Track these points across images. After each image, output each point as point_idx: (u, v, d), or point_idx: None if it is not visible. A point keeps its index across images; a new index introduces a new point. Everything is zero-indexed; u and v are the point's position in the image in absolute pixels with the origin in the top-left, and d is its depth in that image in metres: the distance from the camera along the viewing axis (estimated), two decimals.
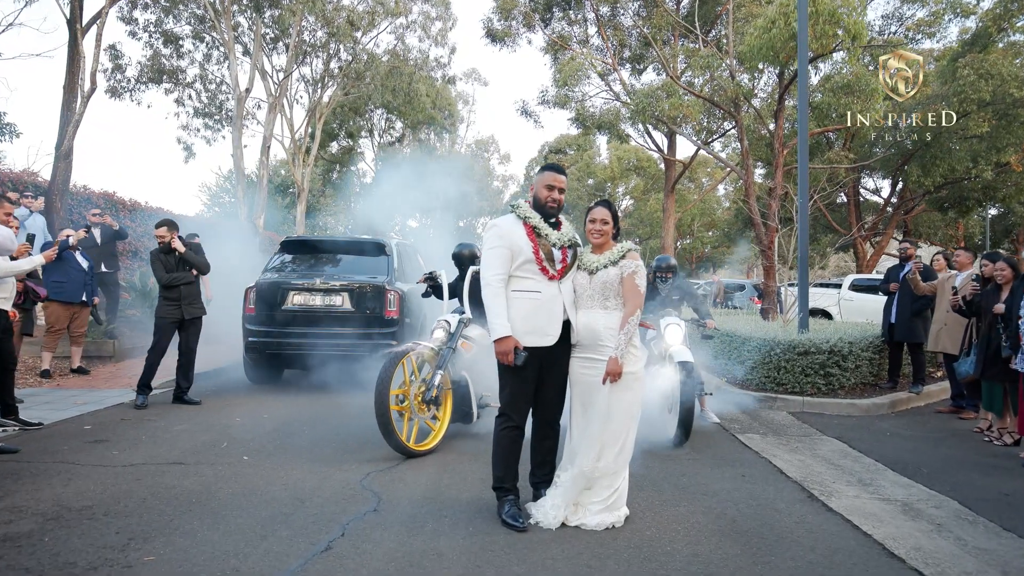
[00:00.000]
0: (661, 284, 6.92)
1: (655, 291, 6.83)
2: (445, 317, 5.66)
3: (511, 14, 20.12)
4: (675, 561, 3.36)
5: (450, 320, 5.59)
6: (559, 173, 4.04)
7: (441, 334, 5.52)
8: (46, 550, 3.25)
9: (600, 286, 3.92)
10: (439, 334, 5.53)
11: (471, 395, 5.70)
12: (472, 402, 5.72)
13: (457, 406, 5.68)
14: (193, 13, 22.19)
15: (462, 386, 5.68)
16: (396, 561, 3.25)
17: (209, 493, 4.18)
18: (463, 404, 5.70)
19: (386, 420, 4.93)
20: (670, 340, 6.21)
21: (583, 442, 3.90)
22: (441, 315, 5.81)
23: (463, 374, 5.64)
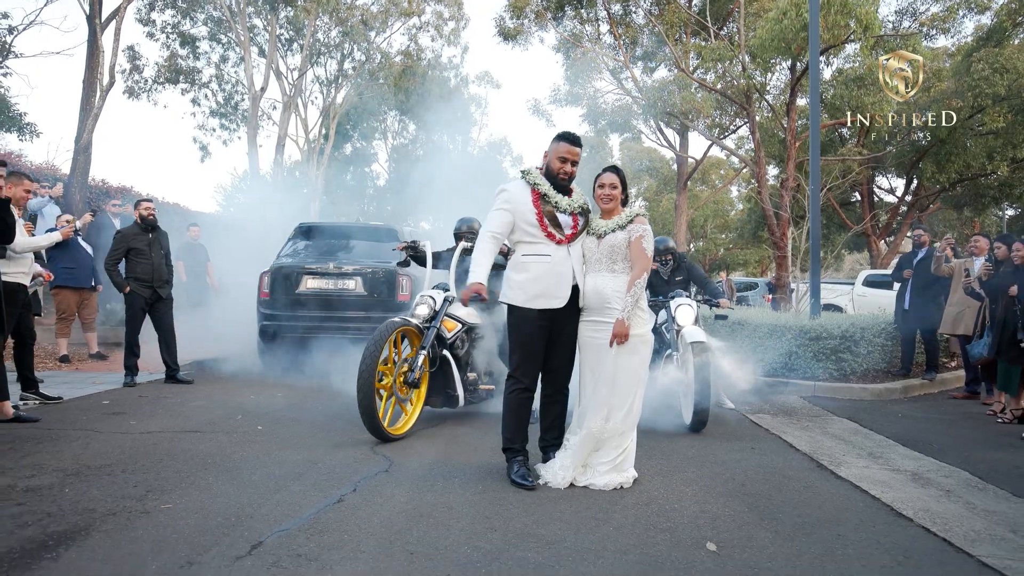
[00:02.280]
0: (662, 267, 6.83)
1: (657, 275, 6.76)
2: (429, 293, 5.32)
3: (523, 12, 20.21)
4: (682, 516, 3.40)
5: (434, 296, 5.28)
6: (574, 145, 4.04)
7: (424, 310, 5.18)
8: (67, 499, 3.33)
9: (608, 250, 3.97)
10: (422, 310, 5.18)
11: (455, 377, 5.25)
12: (456, 384, 5.25)
13: (440, 388, 5.28)
14: (210, 15, 22.48)
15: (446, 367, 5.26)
16: (406, 512, 3.30)
17: (224, 455, 4.26)
18: (447, 386, 5.27)
19: (370, 399, 4.55)
20: (682, 320, 5.89)
21: (591, 404, 3.94)
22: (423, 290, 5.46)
23: (445, 354, 5.22)
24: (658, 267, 6.78)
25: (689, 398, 5.56)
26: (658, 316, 6.32)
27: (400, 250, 6.07)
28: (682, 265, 6.87)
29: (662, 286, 6.72)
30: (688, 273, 6.85)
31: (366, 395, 4.53)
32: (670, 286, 6.65)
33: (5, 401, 5.03)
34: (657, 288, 6.67)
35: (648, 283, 6.47)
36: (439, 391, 5.30)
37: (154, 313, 7.26)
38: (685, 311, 5.96)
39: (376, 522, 3.15)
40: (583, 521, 3.28)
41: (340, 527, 3.06)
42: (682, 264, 6.89)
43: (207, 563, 2.62)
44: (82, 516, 3.09)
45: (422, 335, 5.07)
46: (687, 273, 6.84)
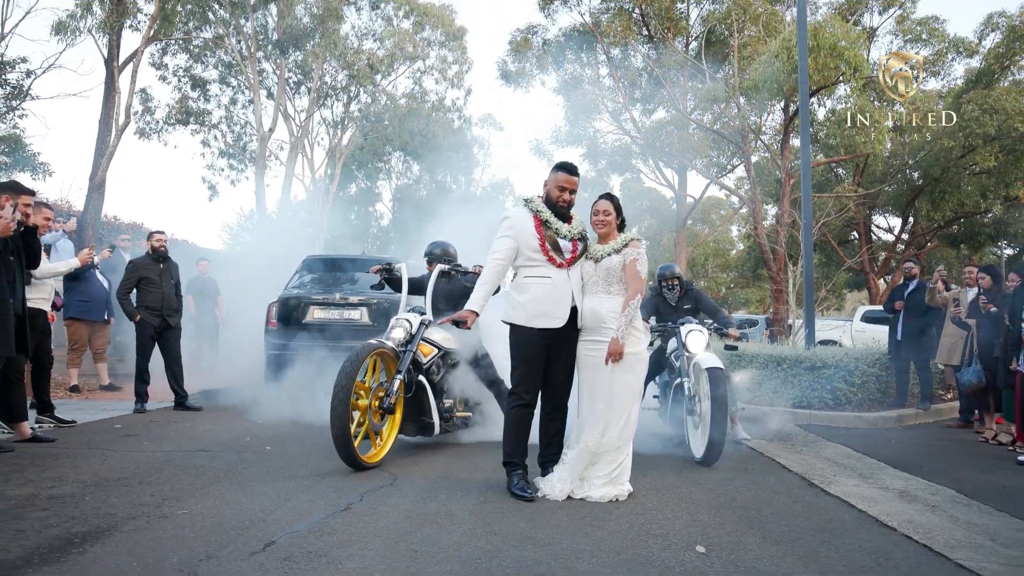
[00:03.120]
0: (668, 293, 6.61)
1: (663, 302, 6.62)
2: (404, 316, 5.10)
3: (525, 56, 20.82)
4: (674, 524, 3.55)
5: (410, 320, 5.05)
6: (572, 174, 4.29)
7: (400, 333, 4.94)
8: (88, 505, 3.50)
9: (604, 272, 4.20)
10: (398, 333, 4.94)
11: (430, 403, 5.07)
12: (432, 411, 5.07)
13: (414, 415, 5.09)
14: (220, 59, 23.16)
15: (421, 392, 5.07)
16: (410, 518, 3.47)
17: (235, 471, 4.42)
18: (421, 413, 5.09)
19: (345, 426, 4.30)
20: (693, 347, 5.56)
21: (589, 420, 4.12)
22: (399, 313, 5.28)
23: (421, 380, 5.04)
24: (665, 293, 6.57)
25: (702, 428, 5.21)
26: (667, 343, 6.18)
27: (375, 272, 5.81)
28: (690, 293, 6.64)
29: (670, 313, 6.48)
30: (696, 301, 6.59)
31: (340, 420, 4.27)
32: (678, 313, 6.40)
33: (24, 422, 5.21)
34: (665, 315, 6.46)
35: (655, 309, 6.53)
36: (413, 418, 5.10)
37: (163, 341, 7.47)
38: (696, 337, 5.62)
39: (382, 526, 3.31)
40: (579, 527, 3.44)
41: (348, 530, 3.23)
42: (690, 292, 6.65)
43: (224, 557, 2.78)
44: (104, 519, 3.27)
45: (397, 359, 4.85)
46: (695, 301, 6.59)
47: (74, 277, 7.66)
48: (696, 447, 5.32)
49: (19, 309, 4.86)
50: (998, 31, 19.23)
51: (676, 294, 6.60)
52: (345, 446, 4.33)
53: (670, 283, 6.61)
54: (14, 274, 4.83)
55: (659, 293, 6.65)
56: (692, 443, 5.40)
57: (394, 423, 4.92)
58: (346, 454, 4.37)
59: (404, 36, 25.41)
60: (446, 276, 5.65)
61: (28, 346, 5.07)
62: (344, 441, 4.31)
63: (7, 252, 4.70)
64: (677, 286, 6.61)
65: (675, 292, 6.59)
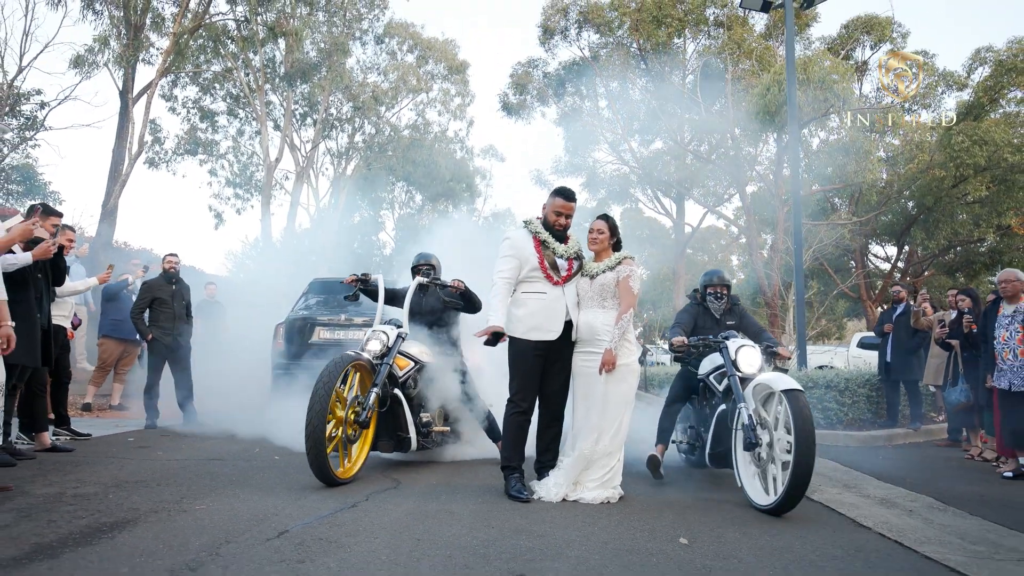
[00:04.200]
0: (714, 303, 5.58)
1: (703, 313, 5.61)
2: (381, 328, 5.00)
3: (526, 88, 21.35)
4: (660, 521, 3.78)
5: (388, 332, 4.93)
6: (568, 200, 4.61)
7: (377, 346, 4.82)
8: (112, 502, 3.74)
9: (599, 288, 4.48)
10: (374, 346, 4.82)
11: (407, 418, 4.93)
12: (408, 425, 4.94)
13: (390, 431, 4.96)
14: (228, 92, 23.76)
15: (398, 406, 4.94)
16: (413, 514, 3.71)
17: (246, 476, 4.66)
18: (397, 428, 4.95)
19: (321, 439, 4.16)
20: (747, 366, 4.63)
21: (583, 428, 4.38)
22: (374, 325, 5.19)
23: (396, 394, 4.92)
24: (710, 303, 5.60)
25: (774, 467, 4.21)
26: (702, 363, 5.19)
27: (349, 283, 5.59)
28: (735, 308, 5.68)
29: (711, 326, 5.51)
30: (740, 320, 5.63)
31: (316, 436, 4.15)
32: (720, 327, 5.44)
33: (44, 432, 5.46)
34: (705, 328, 5.49)
35: (692, 322, 5.51)
36: (389, 434, 4.95)
37: (173, 359, 7.73)
38: (749, 354, 4.71)
39: (387, 520, 3.55)
40: (570, 522, 3.67)
41: (355, 522, 3.47)
42: (736, 307, 5.70)
43: (243, 542, 3.02)
44: (128, 512, 3.51)
45: (373, 372, 4.74)
46: (739, 318, 5.63)
47: (109, 298, 7.97)
48: (758, 490, 4.27)
49: (45, 323, 5.14)
50: (986, 65, 19.77)
51: (723, 305, 5.60)
52: (318, 459, 4.17)
53: (718, 291, 5.61)
54: (41, 291, 5.11)
55: (700, 303, 5.67)
56: (749, 484, 4.33)
57: (366, 438, 4.78)
58: (318, 468, 4.20)
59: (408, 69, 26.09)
60: (424, 289, 5.59)
61: (52, 359, 5.34)
62: (318, 454, 4.15)
63: (36, 270, 4.99)
64: (725, 295, 5.62)
65: (722, 303, 5.59)
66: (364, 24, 24.64)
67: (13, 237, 4.35)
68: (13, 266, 4.62)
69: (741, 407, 4.38)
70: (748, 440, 4.28)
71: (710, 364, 5.05)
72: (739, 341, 4.86)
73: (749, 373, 4.59)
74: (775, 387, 4.21)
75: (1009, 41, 19.22)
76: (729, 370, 4.64)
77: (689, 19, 19.45)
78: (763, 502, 4.15)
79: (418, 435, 5.04)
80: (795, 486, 3.91)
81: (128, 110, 12.86)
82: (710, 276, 5.78)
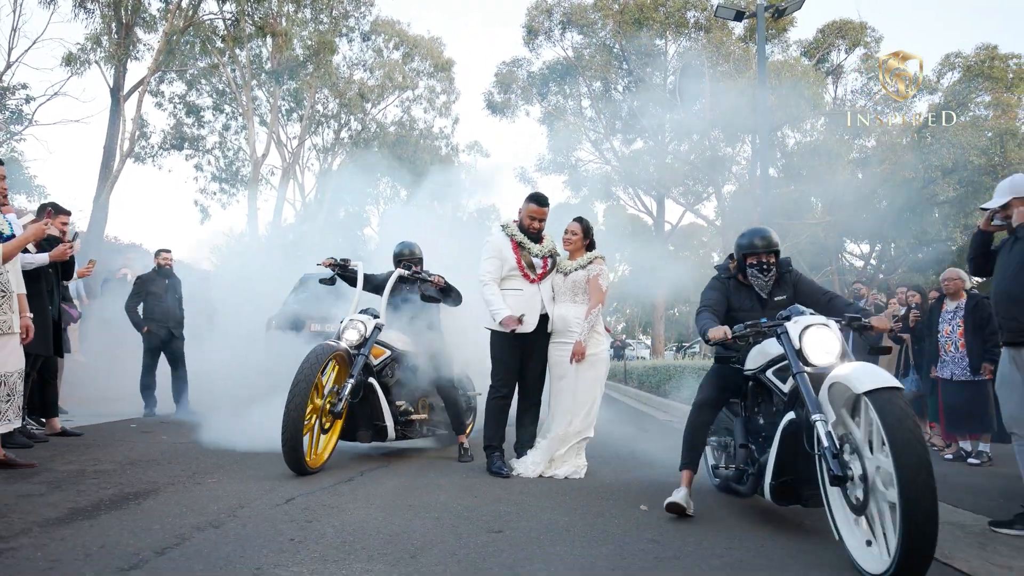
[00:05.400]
0: (758, 277, 3.87)
1: (739, 292, 3.97)
2: (358, 317, 4.91)
3: (510, 88, 21.76)
4: (625, 493, 4.23)
5: (365, 322, 4.86)
6: (541, 206, 5.05)
7: (354, 335, 4.77)
8: (130, 476, 4.14)
9: (571, 285, 4.92)
10: (351, 335, 4.77)
11: (382, 407, 4.91)
12: (385, 414, 4.92)
13: (367, 420, 4.94)
14: (215, 87, 23.95)
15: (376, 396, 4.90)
16: (404, 487, 4.14)
17: (250, 456, 5.03)
18: (374, 417, 4.92)
19: (299, 429, 4.16)
20: (818, 355, 3.14)
21: (558, 412, 4.83)
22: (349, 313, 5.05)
23: (372, 382, 4.88)
24: (753, 278, 3.90)
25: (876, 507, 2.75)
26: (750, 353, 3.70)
27: (326, 266, 5.43)
28: (786, 277, 3.97)
29: (754, 308, 3.91)
30: (795, 289, 3.94)
31: (294, 424, 4.14)
32: (767, 310, 3.84)
33: (55, 418, 5.82)
34: (743, 309, 3.92)
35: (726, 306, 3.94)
36: (366, 424, 4.92)
37: (168, 352, 8.07)
38: (820, 336, 3.17)
39: (381, 491, 3.98)
40: (545, 493, 4.13)
41: (353, 493, 3.89)
42: (787, 276, 3.97)
43: (255, 507, 3.43)
44: (147, 485, 3.90)
45: (350, 361, 4.73)
46: (794, 290, 3.94)
47: None
48: (861, 547, 2.82)
49: (55, 314, 5.49)
50: (955, 70, 20.46)
51: (770, 279, 3.89)
52: (294, 449, 4.17)
53: (762, 261, 3.86)
54: (52, 284, 5.46)
55: (732, 276, 4.04)
56: (849, 536, 2.90)
57: (337, 427, 4.80)
58: (293, 456, 4.19)
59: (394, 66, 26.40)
60: (405, 281, 5.47)
61: (62, 347, 5.69)
62: (295, 444, 4.16)
63: (48, 264, 5.34)
64: (772, 266, 3.88)
65: (769, 277, 3.88)
66: (351, 21, 24.92)
67: (28, 236, 4.70)
68: (31, 265, 4.97)
69: (816, 420, 2.94)
70: (832, 471, 2.84)
71: (763, 353, 3.56)
72: (805, 319, 3.28)
73: (824, 365, 3.09)
74: (856, 387, 2.80)
75: (977, 47, 19.94)
76: (794, 365, 3.16)
77: (670, 21, 19.94)
78: (873, 569, 2.67)
79: (396, 424, 5.02)
80: (910, 547, 2.48)
81: (120, 107, 13.12)
82: (750, 239, 3.91)
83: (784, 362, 3.34)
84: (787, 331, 3.30)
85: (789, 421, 3.24)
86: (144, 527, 3.01)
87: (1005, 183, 4.02)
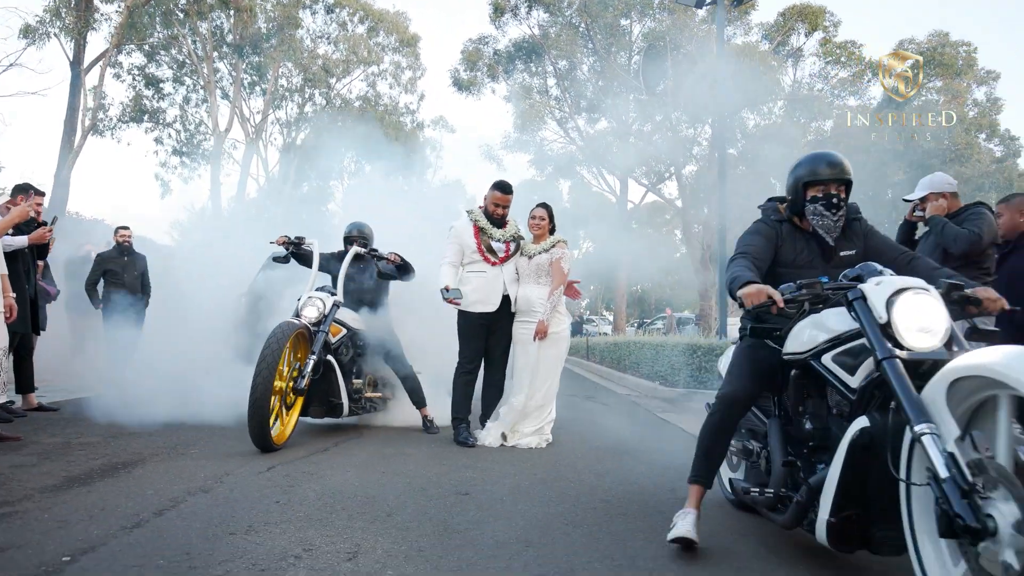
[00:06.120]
0: (824, 216, 2.83)
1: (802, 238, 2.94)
2: (316, 294, 4.97)
3: (476, 65, 21.83)
4: (583, 461, 4.59)
5: (323, 299, 4.93)
6: (505, 193, 5.36)
7: (314, 312, 4.83)
8: (115, 448, 4.37)
9: (535, 267, 5.23)
10: (311, 312, 4.82)
11: (339, 384, 5.02)
12: (341, 391, 5.03)
13: (322, 397, 5.00)
14: (174, 58, 23.51)
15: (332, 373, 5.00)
16: (376, 456, 4.45)
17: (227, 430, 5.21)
18: (330, 394, 5.01)
19: (265, 407, 4.23)
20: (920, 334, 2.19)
21: (518, 384, 5.17)
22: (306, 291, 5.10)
23: (329, 360, 4.97)
24: (816, 216, 2.84)
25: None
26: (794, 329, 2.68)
27: (280, 244, 5.52)
28: (856, 227, 2.93)
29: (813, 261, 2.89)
30: (865, 242, 2.91)
31: (261, 400, 4.20)
32: (831, 264, 2.84)
33: (31, 393, 5.97)
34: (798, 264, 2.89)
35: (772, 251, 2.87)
36: (321, 400, 5.00)
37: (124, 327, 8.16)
38: (919, 306, 2.22)
39: (355, 460, 4.29)
40: (508, 460, 4.47)
41: (329, 461, 4.19)
42: (857, 225, 2.94)
43: (239, 475, 3.71)
44: (133, 456, 4.14)
45: (310, 339, 4.80)
46: (863, 244, 2.91)
47: None
48: None
49: (32, 293, 5.63)
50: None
51: (838, 220, 2.84)
52: (261, 426, 4.22)
53: (832, 195, 2.83)
54: (28, 263, 5.60)
55: (785, 220, 2.98)
56: None
57: (298, 404, 4.86)
58: (259, 432, 4.24)
59: (358, 40, 26.17)
60: (360, 259, 5.56)
61: (38, 325, 5.83)
62: (262, 421, 4.22)
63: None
64: (844, 203, 2.84)
65: (838, 216, 2.83)
66: None
67: (14, 218, 4.84)
68: (10, 247, 5.11)
69: (926, 434, 1.96)
70: (947, 515, 1.86)
71: (819, 329, 2.54)
72: (893, 280, 2.31)
73: (925, 349, 2.19)
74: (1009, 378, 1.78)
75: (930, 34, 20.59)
76: (879, 347, 2.18)
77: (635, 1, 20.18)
78: None
79: (350, 401, 5.14)
80: None
81: (80, 81, 12.94)
82: (812, 165, 2.86)
83: (852, 343, 2.36)
84: (865, 296, 2.27)
85: (860, 430, 2.19)
86: (138, 492, 3.27)
87: (926, 179, 4.46)
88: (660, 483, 3.97)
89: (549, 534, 2.89)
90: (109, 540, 2.57)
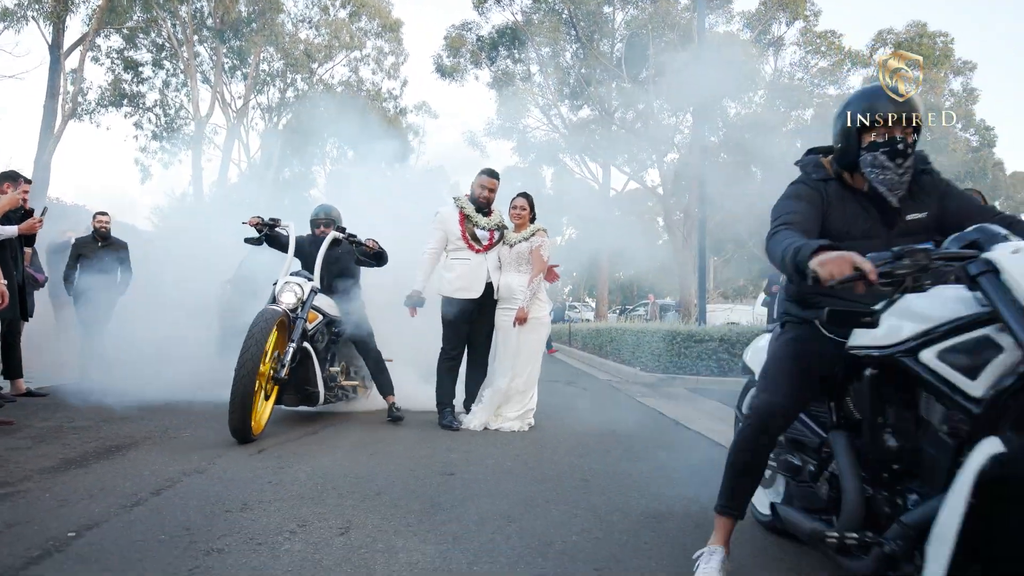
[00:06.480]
0: (887, 168, 2.15)
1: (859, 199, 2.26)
2: (293, 280, 4.84)
3: (459, 52, 21.80)
4: (565, 444, 4.76)
5: (301, 284, 4.80)
6: (492, 178, 5.50)
7: (291, 299, 4.70)
8: (108, 431, 4.47)
9: (516, 255, 5.37)
10: (289, 298, 4.70)
11: (315, 371, 4.88)
12: (316, 379, 4.89)
13: (298, 384, 4.82)
14: (154, 42, 23.23)
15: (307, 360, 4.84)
16: (365, 438, 4.60)
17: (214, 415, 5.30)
18: (306, 382, 4.86)
19: (249, 395, 4.11)
20: None
21: (500, 369, 5.33)
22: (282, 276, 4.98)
23: (306, 347, 4.80)
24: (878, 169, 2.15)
25: None
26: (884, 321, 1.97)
27: (252, 224, 5.28)
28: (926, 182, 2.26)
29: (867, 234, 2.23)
30: (941, 205, 2.25)
31: (245, 391, 4.08)
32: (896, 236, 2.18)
33: (20, 379, 6.03)
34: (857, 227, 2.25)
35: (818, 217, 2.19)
36: (296, 387, 4.83)
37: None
38: None
39: (344, 442, 4.43)
40: (491, 443, 4.64)
41: (320, 443, 4.33)
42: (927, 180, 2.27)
43: (231, 456, 3.83)
44: (126, 439, 4.25)
45: (288, 325, 4.67)
46: (939, 204, 2.25)
47: None
48: None
49: (20, 279, 5.68)
50: (888, 45, 21.39)
51: (905, 175, 2.18)
52: (243, 413, 4.11)
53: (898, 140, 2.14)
54: (16, 250, 5.64)
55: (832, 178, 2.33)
56: None
57: (274, 392, 4.71)
58: (241, 421, 4.12)
59: (340, 25, 25.99)
60: (338, 244, 5.43)
61: (26, 311, 5.89)
62: (245, 410, 4.11)
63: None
64: (911, 150, 2.16)
65: (905, 168, 2.16)
66: None
67: (3, 207, 4.89)
68: (1, 235, 5.16)
69: None
70: None
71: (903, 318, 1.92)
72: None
73: None
74: None
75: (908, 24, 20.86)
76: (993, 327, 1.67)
77: None
78: None
79: (325, 389, 5.02)
80: None
81: (59, 65, 12.82)
82: (871, 99, 2.24)
83: (965, 335, 1.73)
84: (998, 268, 1.65)
85: (992, 459, 1.53)
86: (135, 473, 3.39)
87: None
88: (637, 462, 4.15)
89: (531, 510, 3.05)
90: (111, 517, 2.70)
